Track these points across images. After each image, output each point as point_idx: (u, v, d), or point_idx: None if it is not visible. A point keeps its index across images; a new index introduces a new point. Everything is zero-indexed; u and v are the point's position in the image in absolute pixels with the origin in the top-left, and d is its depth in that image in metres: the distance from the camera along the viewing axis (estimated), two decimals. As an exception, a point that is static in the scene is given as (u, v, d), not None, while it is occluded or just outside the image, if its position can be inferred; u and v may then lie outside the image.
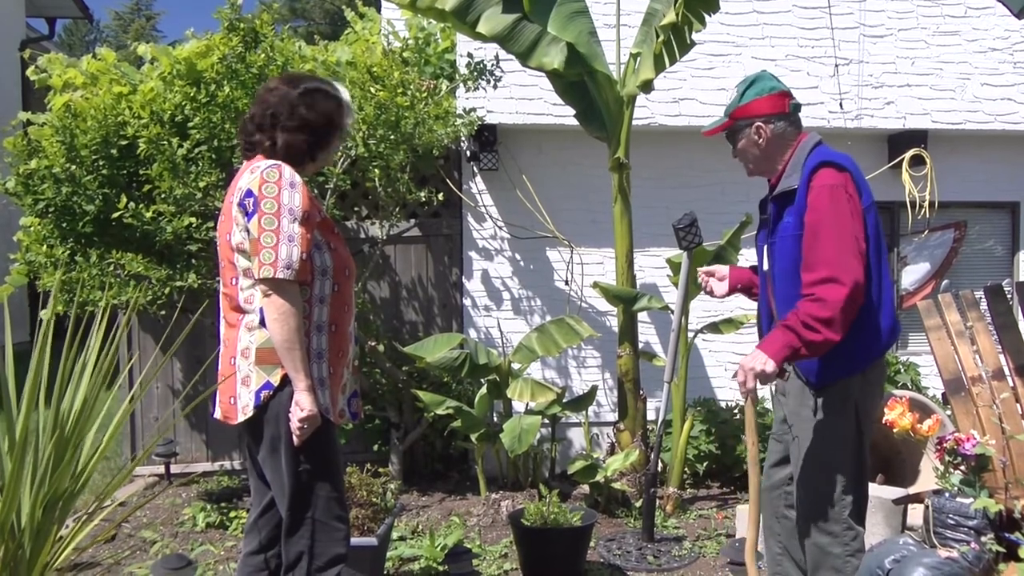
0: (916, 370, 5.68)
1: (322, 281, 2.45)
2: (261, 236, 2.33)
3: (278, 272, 2.31)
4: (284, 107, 2.49)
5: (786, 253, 2.63)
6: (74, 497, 1.87)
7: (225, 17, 4.74)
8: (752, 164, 2.80)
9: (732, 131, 2.79)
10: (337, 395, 2.51)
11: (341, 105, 2.56)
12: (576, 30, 4.56)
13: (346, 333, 2.53)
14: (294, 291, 2.36)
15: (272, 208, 2.34)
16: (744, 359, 2.51)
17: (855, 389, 2.63)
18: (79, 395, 1.87)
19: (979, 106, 5.82)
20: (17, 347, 2.02)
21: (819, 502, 2.67)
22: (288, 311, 2.33)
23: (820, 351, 2.50)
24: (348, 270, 2.54)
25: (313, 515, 2.42)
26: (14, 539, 1.74)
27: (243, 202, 2.39)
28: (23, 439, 1.74)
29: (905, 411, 3.88)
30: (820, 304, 2.45)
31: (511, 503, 4.71)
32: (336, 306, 2.49)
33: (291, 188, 2.37)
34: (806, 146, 2.69)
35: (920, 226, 5.94)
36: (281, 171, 2.39)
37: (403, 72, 4.80)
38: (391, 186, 5.01)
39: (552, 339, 4.87)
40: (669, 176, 5.76)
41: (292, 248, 2.33)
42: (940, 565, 3.09)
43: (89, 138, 4.72)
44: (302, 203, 2.37)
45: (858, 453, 2.67)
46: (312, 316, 2.43)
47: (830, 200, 2.51)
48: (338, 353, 2.49)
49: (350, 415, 2.63)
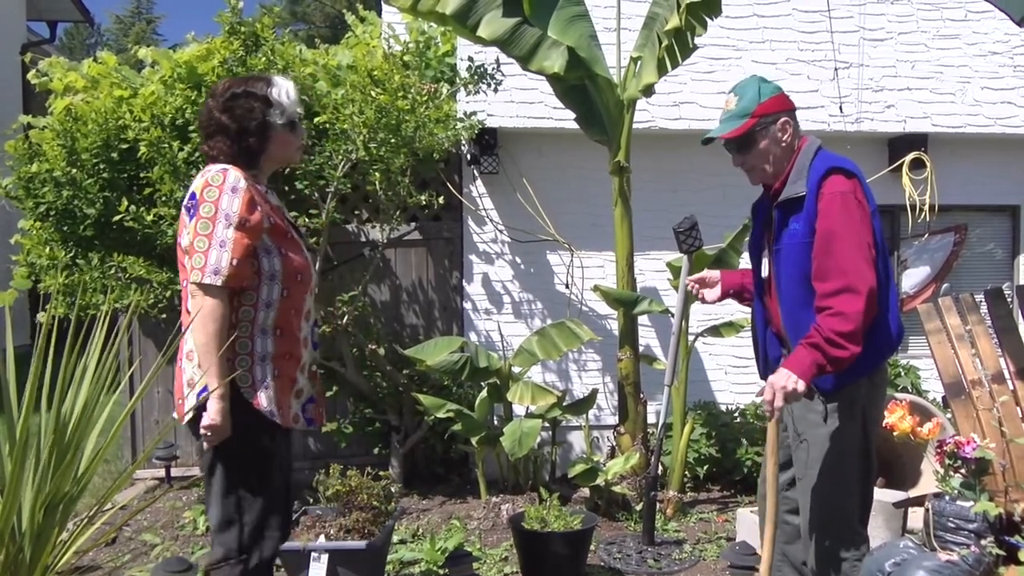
0: (916, 373, 5.69)
1: (270, 285, 2.46)
2: (195, 240, 2.37)
3: (204, 276, 2.34)
4: (205, 116, 2.55)
5: (795, 260, 2.60)
6: (75, 500, 1.87)
7: (226, 21, 4.75)
8: (771, 166, 2.69)
9: (752, 131, 2.66)
10: (287, 399, 2.51)
11: (268, 101, 2.53)
12: (577, 34, 4.57)
13: (297, 338, 2.54)
14: (220, 296, 2.36)
15: (209, 212, 2.37)
16: (773, 377, 2.48)
17: (862, 393, 2.63)
18: (80, 398, 1.87)
19: (979, 109, 5.82)
20: (18, 350, 2.02)
21: (829, 507, 2.66)
22: (209, 315, 2.34)
23: (845, 365, 2.49)
24: (300, 276, 2.54)
25: (241, 519, 2.43)
26: (15, 542, 1.74)
27: (187, 204, 2.43)
28: (24, 442, 1.74)
29: (905, 414, 3.88)
30: (841, 318, 2.43)
31: (511, 506, 4.71)
32: (284, 310, 2.49)
33: (232, 193, 2.38)
34: (808, 151, 2.66)
35: (920, 229, 5.94)
36: (226, 175, 2.41)
37: (404, 76, 4.81)
38: (392, 189, 5.01)
39: (552, 342, 4.87)
40: (669, 179, 5.77)
41: (223, 253, 2.35)
42: (940, 568, 3.09)
43: (90, 141, 4.73)
44: (240, 208, 2.38)
45: (866, 457, 2.67)
46: (257, 320, 2.45)
47: (842, 207, 2.50)
48: (285, 356, 2.50)
49: (305, 420, 2.62)
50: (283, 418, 2.48)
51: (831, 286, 2.47)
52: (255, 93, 2.53)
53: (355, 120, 4.69)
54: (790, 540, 2.84)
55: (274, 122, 2.54)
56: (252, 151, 2.53)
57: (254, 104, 2.51)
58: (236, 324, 2.42)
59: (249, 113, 2.50)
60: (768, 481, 2.60)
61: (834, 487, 2.65)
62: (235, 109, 2.50)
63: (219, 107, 2.51)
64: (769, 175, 2.72)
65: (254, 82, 2.57)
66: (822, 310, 2.48)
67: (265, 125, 2.53)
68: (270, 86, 2.56)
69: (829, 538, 2.67)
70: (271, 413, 2.44)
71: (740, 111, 2.67)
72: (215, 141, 2.51)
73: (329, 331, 5.13)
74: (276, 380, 2.47)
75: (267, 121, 2.53)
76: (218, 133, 2.51)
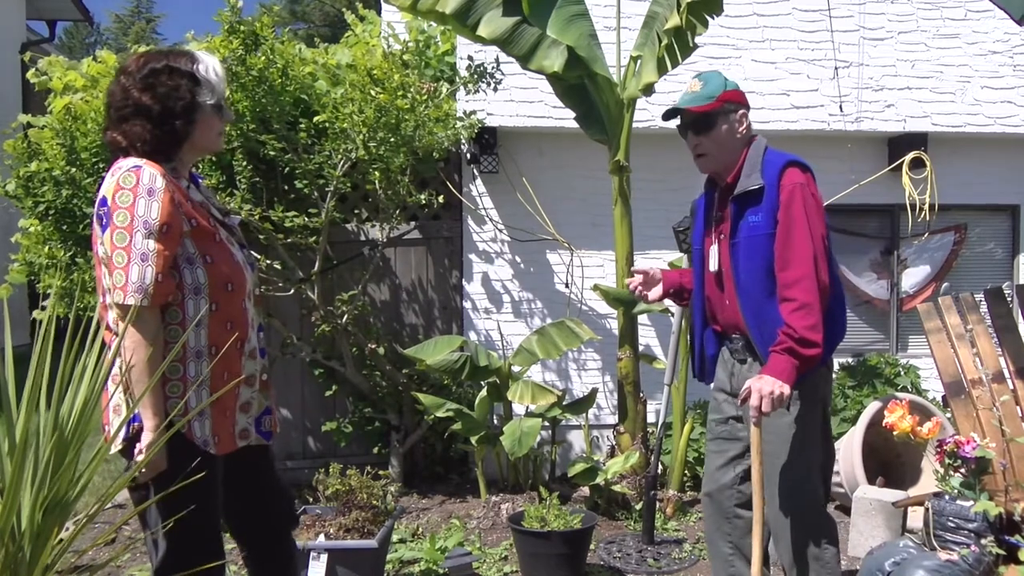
0: (916, 373, 5.69)
1: (196, 300, 2.16)
2: (113, 254, 2.06)
3: (128, 297, 2.04)
4: (118, 96, 2.21)
5: (757, 252, 2.65)
6: (74, 500, 1.87)
7: (225, 20, 4.75)
8: (726, 155, 2.75)
9: (713, 115, 2.73)
10: (229, 421, 2.26)
11: (196, 79, 2.23)
12: (576, 33, 4.56)
13: (234, 354, 2.24)
14: (150, 318, 2.08)
15: (125, 221, 2.06)
16: (756, 383, 2.53)
17: (821, 381, 2.77)
18: (79, 398, 1.87)
19: (979, 109, 5.82)
20: (17, 349, 2.01)
21: (797, 494, 2.72)
22: (138, 342, 2.06)
23: (814, 364, 2.59)
24: (231, 284, 2.23)
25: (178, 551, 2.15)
26: (14, 542, 1.74)
27: (98, 212, 2.12)
28: (23, 441, 1.74)
29: (905, 414, 3.88)
30: (806, 310, 2.53)
31: (511, 506, 4.71)
32: (216, 327, 2.19)
33: (148, 196, 2.07)
34: (758, 147, 2.74)
35: (920, 229, 5.94)
36: (139, 175, 2.09)
37: (403, 75, 4.81)
38: (391, 189, 5.01)
39: (552, 342, 4.87)
40: (669, 179, 5.76)
41: (145, 268, 2.05)
42: (940, 568, 3.09)
43: (89, 140, 4.72)
44: (160, 214, 2.08)
45: (827, 441, 2.81)
46: (188, 341, 2.15)
47: (802, 199, 2.60)
48: (221, 376, 2.20)
49: (260, 435, 2.40)
50: (220, 446, 2.23)
51: (792, 275, 2.57)
52: (179, 69, 2.21)
53: (355, 119, 4.69)
54: (744, 535, 2.87)
55: (203, 103, 2.23)
56: (176, 137, 2.21)
57: (180, 81, 2.20)
58: (165, 346, 2.11)
59: (175, 92, 2.19)
60: (754, 483, 2.63)
61: (802, 475, 2.73)
62: (157, 87, 2.18)
63: (137, 85, 2.18)
64: (718, 164, 2.79)
65: (176, 57, 2.25)
66: (785, 300, 2.58)
67: (193, 106, 2.21)
68: (195, 62, 2.25)
69: (804, 526, 2.72)
70: (205, 443, 2.18)
71: (707, 93, 2.74)
72: (130, 125, 2.18)
73: (329, 330, 5.14)
74: (213, 406, 2.19)
75: (196, 102, 2.22)
76: (135, 116, 2.17)
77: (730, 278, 2.75)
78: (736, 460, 2.88)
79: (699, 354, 2.98)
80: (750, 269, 2.68)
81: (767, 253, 2.62)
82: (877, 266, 6.12)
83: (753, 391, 2.53)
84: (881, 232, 6.12)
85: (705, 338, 2.94)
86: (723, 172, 2.79)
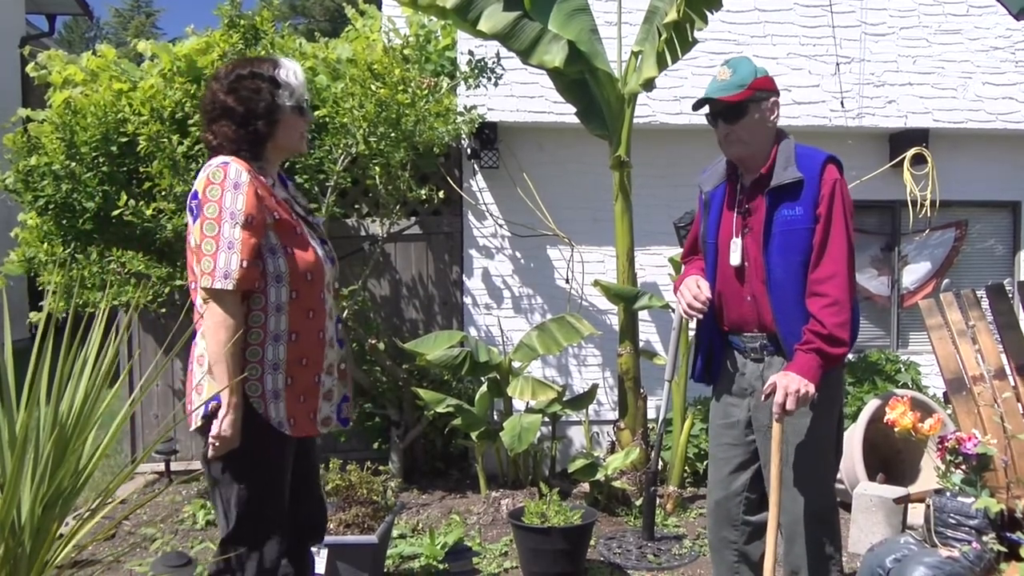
0: (917, 369, 5.68)
1: (277, 288, 2.32)
2: (202, 243, 2.25)
3: (215, 282, 2.22)
4: (208, 99, 2.41)
5: (795, 246, 2.58)
6: (75, 495, 1.86)
7: (225, 14, 4.74)
8: (757, 143, 2.65)
9: (744, 104, 2.62)
10: (307, 406, 2.40)
11: (276, 82, 2.39)
12: (577, 28, 4.55)
13: (314, 340, 2.40)
14: (232, 301, 2.24)
15: (214, 212, 2.24)
16: (782, 380, 2.49)
17: (839, 382, 2.78)
18: (79, 393, 1.86)
19: (981, 105, 5.81)
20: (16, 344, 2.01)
21: (816, 496, 2.69)
22: (220, 323, 2.23)
23: (838, 363, 2.60)
24: (311, 274, 2.39)
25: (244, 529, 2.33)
26: (15, 537, 1.74)
27: (190, 205, 2.31)
28: (23, 437, 1.73)
29: (906, 410, 3.87)
30: (838, 307, 2.52)
31: (511, 501, 4.71)
32: (295, 313, 2.35)
33: (235, 189, 2.25)
34: (789, 141, 2.69)
35: (921, 225, 5.93)
36: (227, 171, 2.27)
37: (404, 69, 4.80)
38: (392, 184, 5.00)
39: (553, 337, 4.86)
40: (670, 174, 5.75)
41: (231, 255, 2.22)
42: (941, 564, 3.09)
43: (89, 135, 4.71)
44: (246, 206, 2.25)
45: (840, 443, 2.81)
46: (268, 325, 2.32)
47: (841, 196, 2.59)
48: (300, 362, 2.36)
49: (339, 422, 2.55)
50: (296, 428, 2.37)
51: (827, 270, 2.56)
52: (262, 74, 2.39)
53: (355, 114, 4.68)
54: (749, 540, 2.81)
55: (283, 104, 2.40)
56: (259, 136, 2.38)
57: (261, 85, 2.38)
58: (247, 330, 2.29)
59: (256, 94, 2.37)
60: (772, 481, 2.58)
61: (821, 477, 2.71)
62: (241, 91, 2.37)
63: (223, 89, 2.38)
64: (748, 152, 2.67)
65: (260, 63, 2.45)
66: (816, 295, 2.55)
67: (273, 107, 2.38)
68: (277, 67, 2.42)
69: (821, 528, 2.69)
70: (280, 424, 2.33)
71: (738, 81, 2.63)
72: (219, 126, 2.37)
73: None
74: (288, 389, 2.34)
75: (276, 103, 2.39)
76: (223, 117, 2.37)
77: (757, 273, 2.67)
78: (744, 466, 2.79)
79: (706, 353, 2.85)
80: (785, 263, 2.60)
81: (805, 247, 2.57)
82: (878, 262, 6.11)
83: (779, 387, 2.48)
84: (882, 228, 6.11)
85: (713, 336, 2.83)
86: (753, 162, 2.69)
